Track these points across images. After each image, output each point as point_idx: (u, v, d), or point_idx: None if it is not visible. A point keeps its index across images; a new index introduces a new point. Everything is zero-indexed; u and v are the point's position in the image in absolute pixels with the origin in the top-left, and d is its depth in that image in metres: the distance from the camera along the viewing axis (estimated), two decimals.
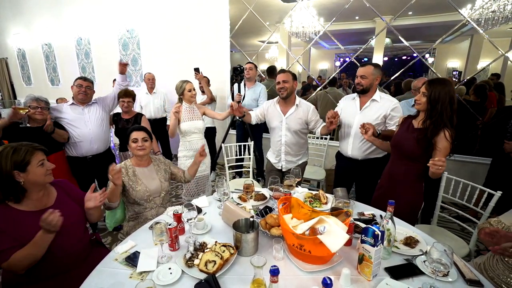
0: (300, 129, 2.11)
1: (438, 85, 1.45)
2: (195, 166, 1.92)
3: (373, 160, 2.05)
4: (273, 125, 2.18)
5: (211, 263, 1.08)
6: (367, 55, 3.44)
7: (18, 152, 1.18)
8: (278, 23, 3.77)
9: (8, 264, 1.10)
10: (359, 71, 1.95)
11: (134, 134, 1.70)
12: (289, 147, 2.17)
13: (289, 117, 2.11)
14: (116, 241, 2.45)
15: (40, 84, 6.84)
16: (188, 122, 2.34)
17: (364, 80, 1.91)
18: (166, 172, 1.86)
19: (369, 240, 1.03)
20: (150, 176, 1.76)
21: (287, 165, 2.23)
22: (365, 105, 1.98)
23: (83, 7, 5.32)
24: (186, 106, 2.36)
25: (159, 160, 1.88)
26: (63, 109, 2.25)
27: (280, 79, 2.03)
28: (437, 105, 1.45)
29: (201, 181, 2.49)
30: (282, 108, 2.14)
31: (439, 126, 1.45)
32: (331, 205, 1.47)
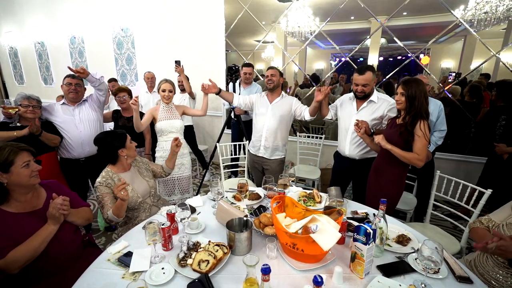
0: (284, 115, 2.26)
1: (413, 84, 1.59)
2: (173, 157, 1.92)
3: (370, 160, 2.07)
4: (260, 111, 2.33)
5: (204, 263, 1.07)
6: (363, 55, 3.46)
7: (2, 152, 1.16)
8: (274, 23, 3.77)
9: (5, 261, 1.08)
10: (359, 79, 1.92)
11: (127, 135, 1.68)
12: (271, 132, 2.28)
13: (275, 104, 2.29)
14: (110, 241, 2.43)
15: (33, 83, 6.75)
16: (165, 121, 2.28)
17: (366, 88, 1.93)
18: (147, 171, 1.83)
19: (361, 238, 1.03)
20: (137, 180, 1.72)
21: (265, 152, 2.34)
22: (362, 105, 2.01)
23: (77, 5, 5.26)
24: (163, 105, 2.32)
25: (136, 161, 1.83)
26: (54, 109, 2.20)
27: (269, 73, 2.26)
28: (415, 101, 1.58)
29: (181, 182, 2.43)
30: (269, 98, 2.33)
31: (416, 118, 1.59)
32: (324, 204, 1.48)
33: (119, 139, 1.63)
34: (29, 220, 1.21)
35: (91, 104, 2.36)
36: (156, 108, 2.33)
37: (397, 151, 1.62)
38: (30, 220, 1.21)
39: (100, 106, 2.44)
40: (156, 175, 1.91)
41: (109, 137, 1.62)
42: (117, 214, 1.47)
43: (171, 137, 2.28)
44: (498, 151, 2.40)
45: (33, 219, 1.22)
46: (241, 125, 2.94)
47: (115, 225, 2.38)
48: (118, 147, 1.62)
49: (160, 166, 1.94)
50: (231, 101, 2.43)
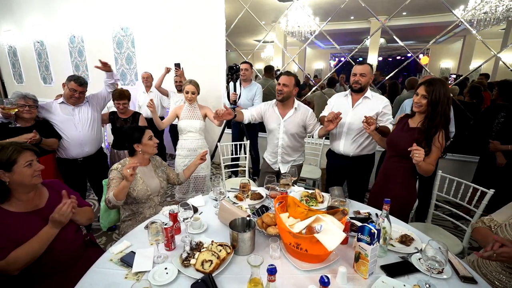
0: (297, 132, 2.11)
1: (437, 86, 1.46)
2: (192, 168, 1.94)
3: (364, 157, 2.09)
4: (271, 127, 2.17)
5: (207, 263, 1.07)
6: (362, 55, 3.47)
7: (5, 151, 1.16)
8: (274, 23, 3.77)
9: (6, 262, 1.07)
10: (358, 69, 1.96)
11: (149, 132, 1.72)
12: (286, 150, 2.18)
13: (287, 120, 2.09)
14: (111, 241, 2.42)
15: (32, 83, 6.72)
16: (185, 120, 2.36)
17: (363, 78, 1.95)
18: (164, 173, 1.87)
19: (365, 238, 1.03)
20: (150, 175, 1.76)
21: (283, 167, 2.23)
22: (358, 102, 2.02)
23: (76, 4, 5.23)
24: (187, 104, 2.38)
25: (157, 160, 1.88)
26: (53, 108, 2.17)
27: (281, 81, 2.00)
28: (438, 107, 1.47)
29: (197, 181, 2.48)
30: (280, 110, 2.12)
31: (439, 126, 1.48)
32: (327, 204, 1.48)
33: (137, 134, 1.68)
34: (31, 219, 1.20)
35: (92, 104, 2.35)
36: (181, 107, 2.39)
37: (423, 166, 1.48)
38: (32, 220, 1.20)
39: (102, 106, 2.45)
40: (169, 180, 1.91)
41: (130, 130, 1.71)
42: (117, 195, 1.50)
43: (190, 136, 2.32)
44: (492, 147, 2.41)
45: (35, 219, 1.21)
46: (242, 124, 2.94)
47: (115, 225, 2.38)
48: (134, 141, 1.68)
49: (176, 174, 1.94)
50: (242, 120, 2.27)
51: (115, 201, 1.51)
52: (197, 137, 2.41)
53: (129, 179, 1.46)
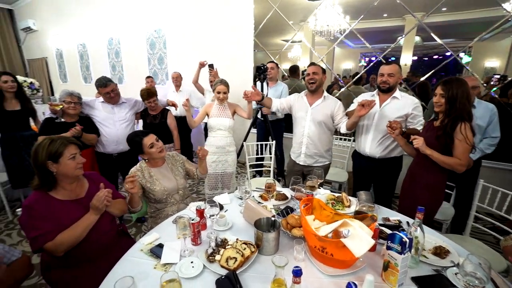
0: (325, 121, 2.07)
1: (454, 84, 1.49)
2: (201, 163, 1.88)
3: (391, 160, 2.01)
4: (298, 115, 2.16)
5: (232, 260, 1.09)
6: (395, 54, 3.30)
7: (54, 144, 1.27)
8: (302, 22, 3.72)
9: (53, 243, 1.18)
10: (385, 69, 1.91)
11: (147, 140, 1.66)
12: (311, 140, 2.12)
13: (315, 107, 2.09)
14: (139, 232, 2.55)
15: (74, 82, 7.30)
16: (215, 118, 2.40)
17: (391, 78, 1.89)
18: (182, 169, 1.87)
19: (396, 247, 0.98)
20: (166, 176, 1.77)
21: (307, 160, 2.18)
22: (385, 102, 1.95)
23: (115, 8, 5.60)
24: (217, 103, 2.43)
25: (173, 158, 1.87)
26: (95, 105, 2.36)
27: (311, 70, 2.04)
28: (456, 103, 1.48)
29: (224, 178, 2.52)
30: (309, 99, 2.13)
31: (457, 120, 1.48)
32: (354, 209, 1.43)
33: (136, 147, 1.69)
34: (73, 207, 1.31)
35: (132, 107, 2.52)
36: (210, 105, 2.44)
37: (437, 156, 1.51)
38: (74, 207, 1.31)
39: (136, 111, 2.61)
40: (190, 175, 1.93)
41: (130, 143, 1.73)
42: (130, 204, 1.53)
43: (219, 134, 2.38)
44: None
45: (77, 207, 1.32)
46: (268, 124, 2.94)
47: (144, 217, 2.51)
48: (138, 152, 1.72)
49: (195, 168, 1.92)
50: (270, 107, 2.31)
51: (131, 208, 1.56)
52: (226, 134, 2.45)
53: (131, 192, 1.45)
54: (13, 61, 8.61)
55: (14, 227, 2.68)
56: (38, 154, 1.24)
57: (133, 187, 1.43)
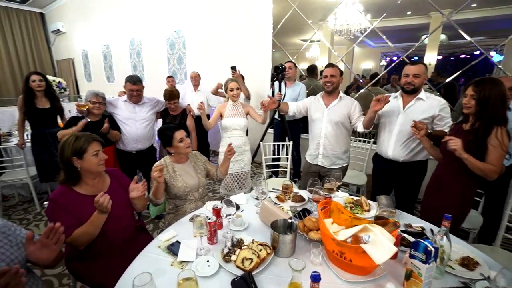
0: (341, 121, 2.06)
1: (487, 85, 1.40)
2: (225, 163, 1.92)
3: (416, 164, 1.92)
4: (315, 116, 2.16)
5: (247, 261, 1.08)
6: (418, 54, 3.15)
7: (79, 141, 1.32)
8: (322, 21, 3.66)
9: (71, 239, 1.24)
10: (411, 69, 1.83)
11: (178, 134, 1.75)
12: (329, 140, 2.11)
13: (332, 108, 2.08)
14: (157, 229, 2.61)
15: (98, 81, 7.63)
16: (230, 118, 2.41)
17: (417, 79, 1.81)
18: (204, 168, 1.92)
19: (420, 256, 0.93)
20: (189, 172, 1.82)
21: (324, 161, 2.16)
22: (410, 103, 1.87)
23: (138, 10, 5.78)
24: (231, 103, 2.44)
25: (196, 157, 1.93)
26: (118, 104, 2.44)
27: (329, 73, 2.02)
28: (488, 105, 1.38)
29: (240, 177, 2.53)
30: (325, 101, 2.13)
31: (491, 125, 1.38)
32: (375, 213, 1.39)
33: (167, 139, 1.76)
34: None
35: (153, 106, 2.58)
36: (224, 105, 2.46)
37: (473, 161, 1.40)
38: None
39: (157, 111, 2.67)
40: (209, 175, 1.96)
41: (160, 135, 1.81)
42: (154, 195, 1.58)
43: (234, 134, 2.39)
44: None
45: None
46: (285, 124, 2.92)
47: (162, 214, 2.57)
48: (166, 145, 1.78)
49: (215, 169, 1.97)
50: (287, 111, 2.32)
51: (155, 200, 1.62)
52: (241, 134, 2.46)
53: (158, 181, 1.53)
54: (43, 62, 9.15)
55: (41, 218, 2.84)
56: (64, 150, 1.30)
57: (161, 175, 1.51)
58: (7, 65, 8.36)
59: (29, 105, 2.69)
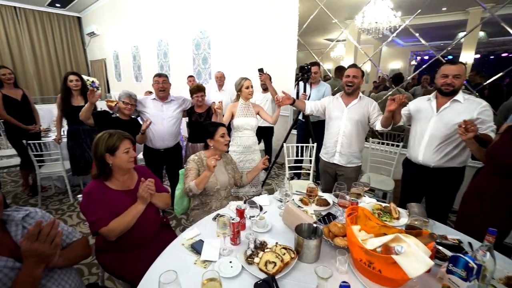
0: (360, 120, 2.08)
1: None
2: (255, 172, 1.98)
3: (449, 170, 1.78)
4: (334, 115, 2.16)
5: (271, 264, 1.06)
6: (453, 52, 2.94)
7: (112, 138, 1.38)
8: (348, 20, 3.54)
9: (107, 229, 1.29)
10: (451, 69, 1.69)
11: (221, 129, 1.81)
12: (347, 138, 2.12)
13: (351, 107, 2.10)
14: (179, 225, 2.67)
15: (127, 80, 7.99)
16: (242, 118, 2.40)
17: (457, 80, 1.68)
18: (233, 170, 1.96)
19: (460, 272, 0.86)
20: (220, 170, 1.86)
21: (341, 159, 2.16)
22: (444, 106, 1.75)
23: (165, 12, 5.97)
24: (242, 102, 2.43)
25: (227, 158, 1.98)
26: (147, 103, 2.53)
27: (351, 73, 2.03)
28: None
29: None
30: (344, 100, 2.14)
31: None
32: (406, 222, 1.31)
33: (211, 129, 1.81)
34: (124, 197, 1.41)
35: (180, 105, 2.65)
36: (235, 105, 2.46)
37: None
38: (125, 197, 1.41)
39: (184, 109, 2.73)
40: (234, 180, 1.98)
41: (206, 125, 1.87)
42: (198, 184, 1.64)
43: (246, 134, 2.39)
44: None
45: (127, 197, 1.42)
46: (309, 126, 2.86)
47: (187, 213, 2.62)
48: (208, 136, 1.82)
49: (240, 175, 2.02)
50: (303, 109, 2.34)
51: (196, 189, 1.65)
52: (251, 134, 2.46)
53: (211, 170, 1.59)
54: (79, 62, 9.80)
55: (74, 210, 3.02)
56: (98, 146, 1.36)
57: (215, 165, 1.59)
58: (48, 66, 9.05)
59: (66, 103, 2.87)
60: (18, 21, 8.35)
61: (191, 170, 1.74)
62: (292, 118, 4.13)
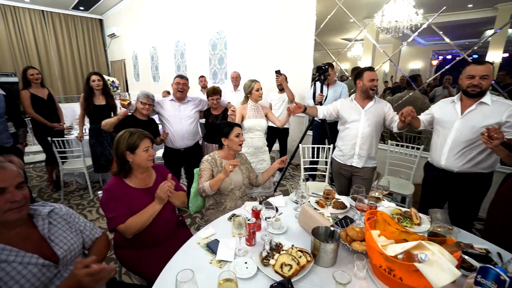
0: (378, 121, 2.08)
1: None
2: (271, 172, 1.98)
3: (475, 176, 1.69)
4: (351, 118, 2.13)
5: (287, 267, 1.05)
6: (478, 51, 2.79)
7: (132, 136, 1.42)
8: (367, 19, 3.45)
9: (125, 226, 1.32)
10: (478, 69, 1.60)
11: (236, 129, 1.81)
12: (365, 141, 2.09)
13: (368, 109, 2.08)
14: (194, 224, 2.71)
15: (145, 80, 8.20)
16: (252, 120, 2.41)
17: (485, 81, 1.59)
18: (247, 170, 1.95)
19: (489, 285, 0.81)
20: (235, 170, 1.84)
21: (359, 161, 2.13)
22: (470, 108, 1.66)
23: (183, 13, 6.07)
24: (251, 104, 2.44)
25: (242, 158, 1.98)
26: (165, 104, 2.58)
27: (374, 77, 2.02)
28: None
29: None
30: (360, 103, 2.12)
31: None
32: (428, 228, 1.25)
33: (226, 129, 1.82)
34: (143, 194, 1.44)
35: (197, 105, 2.69)
36: (244, 107, 2.47)
37: None
38: (143, 195, 1.44)
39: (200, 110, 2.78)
40: (249, 180, 1.98)
41: (222, 124, 1.87)
42: (212, 186, 1.65)
43: (257, 135, 2.38)
44: None
45: (145, 195, 1.45)
46: (326, 127, 2.81)
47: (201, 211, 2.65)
48: (223, 135, 1.82)
49: (255, 175, 2.01)
50: (316, 115, 2.31)
51: (209, 191, 1.66)
52: (261, 135, 2.45)
53: (227, 174, 1.60)
54: (100, 63, 10.18)
55: (94, 205, 3.13)
56: (119, 144, 1.40)
57: (232, 170, 1.60)
58: (71, 66, 9.47)
59: (89, 102, 2.99)
60: (45, 24, 8.78)
61: (204, 170, 1.75)
62: (307, 119, 4.08)
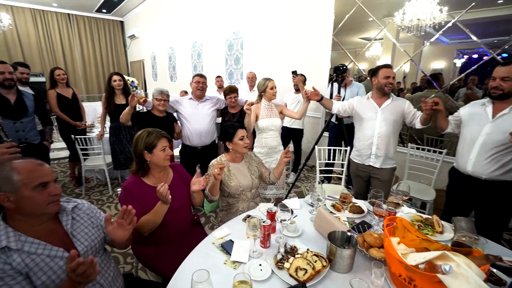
0: (396, 120, 2.02)
1: None
2: (280, 167, 1.91)
3: (504, 184, 1.60)
4: (367, 116, 2.09)
5: (302, 271, 1.03)
6: (507, 50, 2.63)
7: (150, 136, 1.45)
8: (386, 17, 3.34)
9: (138, 225, 1.35)
10: (499, 71, 1.55)
11: (241, 132, 1.78)
12: (382, 140, 2.04)
13: (385, 108, 2.03)
14: (208, 223, 2.73)
15: (163, 80, 8.39)
16: (266, 119, 2.36)
17: (506, 83, 1.52)
18: (257, 169, 1.92)
19: None
20: (243, 172, 1.84)
21: (377, 161, 2.08)
22: (502, 112, 1.57)
23: (200, 14, 6.16)
24: (265, 103, 2.39)
25: (251, 157, 1.95)
26: (183, 102, 2.63)
27: (392, 74, 1.97)
28: None
29: None
30: (376, 101, 2.07)
31: None
32: (451, 238, 1.19)
33: (229, 132, 1.79)
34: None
35: (214, 104, 2.73)
36: (258, 107, 2.44)
37: None
38: None
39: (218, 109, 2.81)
40: (262, 177, 1.97)
41: (225, 128, 1.84)
42: (211, 191, 1.64)
43: (271, 135, 2.36)
44: None
45: None
46: (343, 128, 2.75)
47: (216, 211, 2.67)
48: (226, 139, 1.80)
49: (268, 172, 1.98)
50: (330, 109, 2.28)
51: (211, 196, 1.67)
52: (276, 134, 2.42)
53: (217, 178, 1.58)
54: (120, 63, 10.54)
55: (113, 201, 3.24)
56: (138, 144, 1.43)
57: (220, 173, 1.56)
58: (94, 67, 9.88)
59: (110, 101, 3.10)
60: (70, 26, 9.21)
61: (210, 176, 1.70)
62: (324, 120, 4.02)
